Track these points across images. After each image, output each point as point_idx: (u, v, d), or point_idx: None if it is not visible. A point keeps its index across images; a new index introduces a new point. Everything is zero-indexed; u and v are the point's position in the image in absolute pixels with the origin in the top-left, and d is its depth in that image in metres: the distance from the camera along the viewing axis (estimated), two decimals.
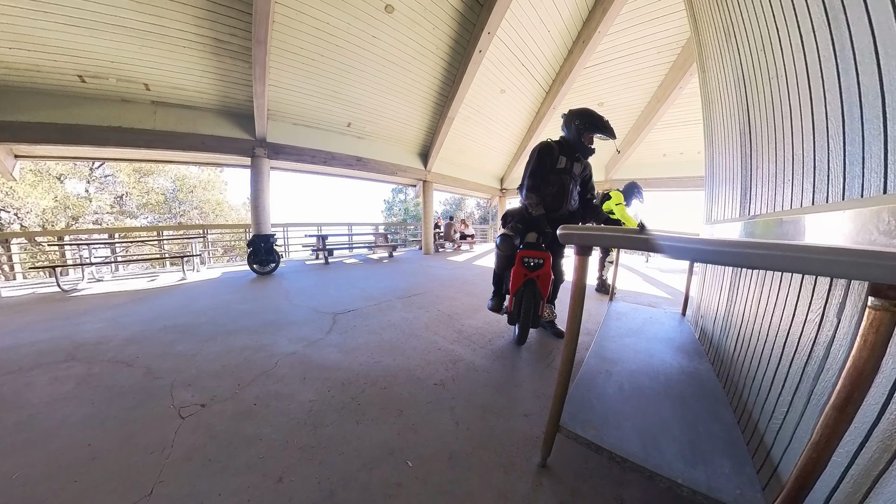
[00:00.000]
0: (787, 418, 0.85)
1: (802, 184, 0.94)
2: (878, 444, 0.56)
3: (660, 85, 5.99)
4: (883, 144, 0.62)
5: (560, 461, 1.12)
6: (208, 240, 6.95)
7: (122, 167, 12.09)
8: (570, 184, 2.06)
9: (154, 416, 1.36)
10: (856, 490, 0.57)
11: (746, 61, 1.40)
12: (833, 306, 0.75)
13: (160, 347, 2.10)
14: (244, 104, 5.00)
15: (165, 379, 1.68)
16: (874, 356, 0.48)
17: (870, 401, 0.57)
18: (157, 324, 2.59)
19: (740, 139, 1.56)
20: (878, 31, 0.62)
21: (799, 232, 0.81)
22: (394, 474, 1.06)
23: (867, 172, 0.67)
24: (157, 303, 3.33)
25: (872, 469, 0.55)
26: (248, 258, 5.19)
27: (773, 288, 1.10)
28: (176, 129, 4.75)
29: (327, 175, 7.22)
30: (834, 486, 0.62)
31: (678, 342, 1.75)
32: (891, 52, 0.59)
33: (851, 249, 0.47)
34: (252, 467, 1.08)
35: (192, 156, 5.37)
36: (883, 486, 0.53)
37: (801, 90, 0.94)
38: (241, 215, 15.76)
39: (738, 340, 1.35)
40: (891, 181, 0.60)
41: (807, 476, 0.57)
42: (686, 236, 0.79)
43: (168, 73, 4.29)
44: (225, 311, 2.96)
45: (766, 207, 1.22)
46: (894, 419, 0.54)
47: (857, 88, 0.70)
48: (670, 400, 1.13)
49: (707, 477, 0.79)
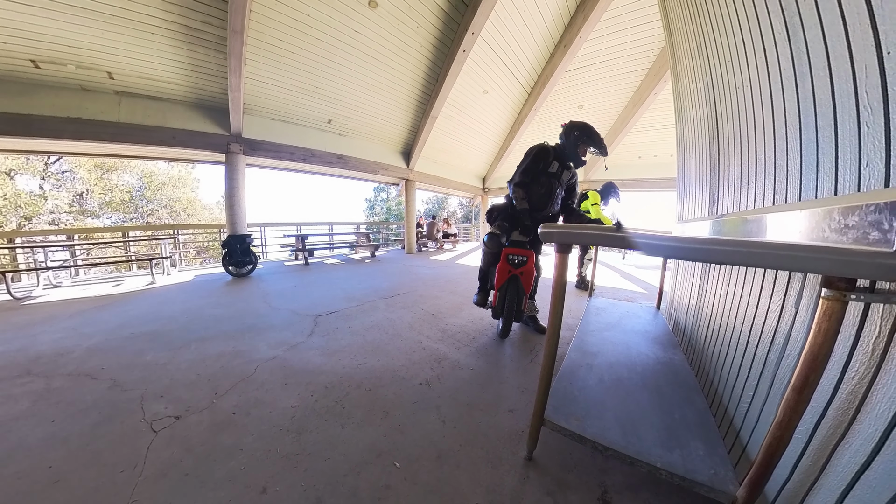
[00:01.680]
0: (754, 401, 0.92)
1: (765, 185, 1.02)
2: (832, 420, 0.61)
3: (636, 90, 6.24)
4: (834, 150, 0.68)
5: (546, 454, 1.15)
6: (179, 241, 6.60)
7: (83, 162, 11.22)
8: (558, 188, 2.16)
9: (123, 431, 1.27)
10: (815, 463, 0.63)
11: (716, 72, 1.49)
12: (792, 298, 0.81)
13: (127, 357, 1.96)
14: (218, 97, 4.78)
15: (135, 391, 1.57)
16: (828, 342, 0.53)
17: (824, 382, 0.63)
18: (124, 332, 2.42)
19: (709, 143, 1.66)
20: (832, 49, 0.68)
21: (762, 230, 0.88)
22: (382, 477, 1.04)
23: (820, 175, 0.73)
24: (123, 309, 3.12)
25: (828, 443, 0.61)
26: (222, 260, 4.97)
27: (739, 282, 1.18)
28: (143, 122, 4.46)
29: (307, 173, 7.04)
30: (796, 461, 0.68)
31: (654, 334, 1.83)
32: (842, 67, 0.65)
33: (806, 245, 0.51)
34: (233, 479, 1.03)
35: (161, 151, 5.08)
36: (838, 458, 0.58)
37: (764, 100, 1.02)
38: (214, 214, 15.07)
39: (709, 331, 1.43)
40: (840, 184, 0.66)
41: (773, 453, 0.62)
42: (659, 234, 0.83)
43: (134, 62, 4.01)
44: (198, 317, 2.81)
45: (732, 207, 1.31)
46: (845, 398, 0.59)
47: (811, 99, 0.76)
48: (647, 389, 1.20)
49: (683, 460, 0.84)
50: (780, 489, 0.71)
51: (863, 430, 0.54)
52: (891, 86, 0.53)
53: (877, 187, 0.55)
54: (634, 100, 6.36)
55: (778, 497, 0.72)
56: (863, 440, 0.54)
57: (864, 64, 0.59)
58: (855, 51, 0.61)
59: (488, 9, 4.44)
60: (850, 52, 0.62)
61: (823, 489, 0.60)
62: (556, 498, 0.97)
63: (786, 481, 0.70)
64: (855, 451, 0.55)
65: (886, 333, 0.52)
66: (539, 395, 0.99)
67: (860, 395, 0.56)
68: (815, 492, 0.62)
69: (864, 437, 0.54)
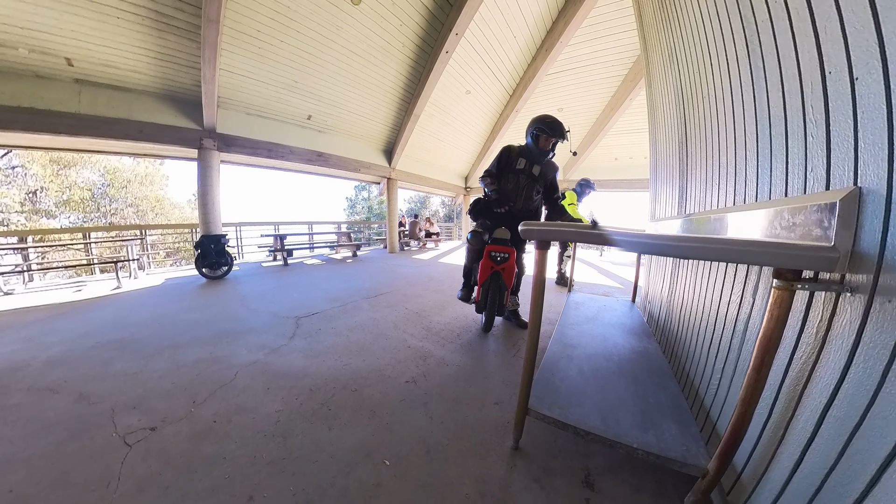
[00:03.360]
0: (721, 383, 1.00)
1: (727, 187, 1.11)
2: (786, 396, 0.69)
3: (613, 95, 6.50)
4: (785, 157, 0.76)
5: (531, 442, 1.20)
6: (147, 242, 6.23)
7: (37, 157, 10.30)
8: (527, 183, 2.24)
9: (93, 447, 1.19)
10: (775, 434, 0.71)
11: (685, 82, 1.60)
12: (749, 289, 0.90)
13: (94, 368, 1.83)
14: (190, 89, 4.53)
15: (103, 404, 1.47)
16: (779, 327, 0.60)
17: (778, 363, 0.70)
18: (88, 341, 2.25)
19: (679, 148, 1.77)
20: (784, 68, 0.76)
21: (724, 227, 0.96)
22: (372, 475, 1.05)
23: (773, 179, 0.81)
24: (86, 317, 2.91)
25: (784, 416, 0.68)
26: (195, 261, 4.75)
27: (705, 275, 1.28)
28: (106, 114, 4.15)
29: (285, 171, 6.84)
30: (759, 434, 0.76)
31: (629, 326, 1.94)
32: (793, 84, 0.73)
33: (759, 241, 0.58)
34: (217, 489, 1.00)
35: (126, 145, 4.77)
36: (792, 428, 0.66)
37: (727, 110, 1.11)
38: (185, 214, 14.30)
39: (680, 321, 1.54)
40: (790, 187, 0.74)
41: (739, 428, 0.69)
42: (632, 231, 0.89)
43: (97, 48, 3.72)
44: (171, 322, 2.67)
45: (699, 207, 1.41)
46: (795, 376, 0.67)
47: (767, 111, 0.84)
48: (624, 377, 1.27)
49: (658, 439, 0.91)
50: (747, 460, 0.79)
51: (810, 403, 0.62)
52: (832, 101, 0.61)
53: (819, 190, 0.63)
54: (612, 104, 6.61)
55: (745, 467, 0.80)
56: (810, 412, 0.61)
57: (811, 81, 0.66)
58: (803, 70, 0.68)
59: (472, 10, 4.48)
60: (800, 71, 0.70)
61: (783, 457, 0.67)
62: (542, 483, 1.02)
63: (751, 452, 0.78)
64: (805, 422, 0.62)
65: (827, 318, 0.59)
66: (523, 386, 1.03)
67: (807, 372, 0.63)
68: (776, 460, 0.69)
69: (811, 409, 0.61)
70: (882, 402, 0.47)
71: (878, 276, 0.49)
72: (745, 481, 0.79)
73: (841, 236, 0.52)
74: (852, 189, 0.53)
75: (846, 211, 0.52)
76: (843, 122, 0.58)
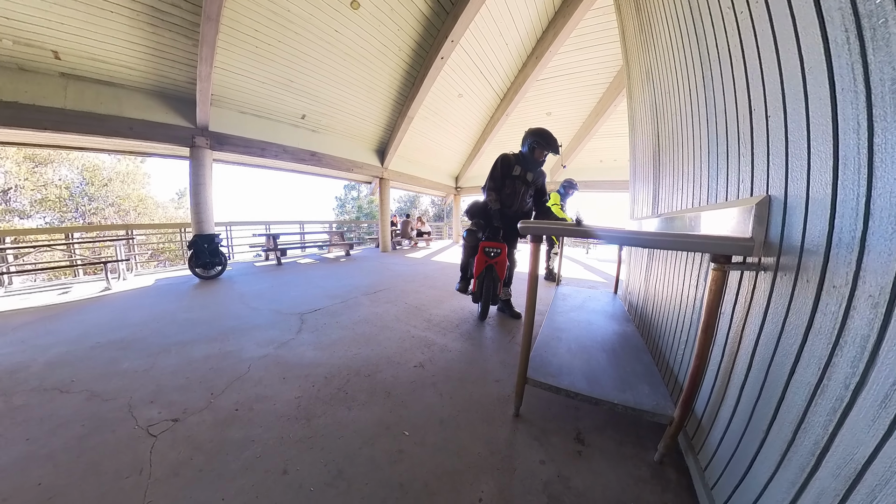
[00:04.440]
0: (684, 353, 1.23)
1: (687, 191, 1.33)
2: (727, 355, 0.91)
3: (598, 101, 6.84)
4: (726, 169, 0.97)
5: (529, 410, 1.39)
6: (134, 242, 6.12)
7: (10, 153, 9.79)
8: (522, 188, 2.48)
9: (117, 439, 1.21)
10: (721, 382, 0.92)
11: (658, 99, 1.83)
12: (702, 274, 1.11)
13: (100, 367, 1.83)
14: (183, 87, 4.48)
15: (118, 400, 1.49)
16: (717, 298, 0.81)
17: (720, 328, 0.92)
18: (86, 342, 2.21)
19: (653, 156, 2.00)
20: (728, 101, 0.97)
21: (685, 225, 1.17)
22: (394, 444, 1.18)
23: (720, 186, 1.03)
24: (79, 318, 2.85)
25: (727, 367, 0.89)
26: (188, 261, 4.74)
27: (671, 267, 1.51)
28: (94, 110, 4.03)
29: (278, 170, 6.84)
30: (712, 385, 0.97)
31: (611, 313, 2.17)
32: (731, 114, 0.94)
33: (702, 234, 0.78)
34: (251, 468, 1.07)
35: (115, 143, 4.69)
36: (733, 380, 0.87)
37: (688, 128, 1.33)
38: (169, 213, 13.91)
39: (653, 307, 1.77)
40: (730, 193, 0.95)
41: (694, 379, 0.90)
42: (610, 227, 1.10)
43: (86, 42, 3.59)
44: (172, 321, 2.69)
45: (667, 207, 1.64)
46: (731, 337, 0.89)
47: (715, 133, 1.05)
48: (606, 352, 1.49)
49: (634, 397, 1.12)
50: (705, 408, 1.00)
51: (741, 356, 0.82)
52: (755, 131, 0.82)
53: (746, 196, 0.84)
54: (597, 109, 6.95)
55: (703, 414, 1.01)
56: (744, 360, 0.82)
57: (743, 114, 0.88)
58: (739, 104, 0.89)
59: (469, 19, 4.63)
60: (736, 105, 0.91)
61: (728, 398, 0.88)
62: (541, 441, 1.21)
63: (707, 402, 0.99)
64: (740, 371, 0.83)
65: (751, 290, 0.80)
66: (521, 360, 1.22)
67: (739, 332, 0.84)
68: (724, 403, 0.90)
69: (743, 360, 0.82)
70: (784, 342, 0.68)
71: (779, 259, 0.70)
72: (703, 425, 1.00)
73: (756, 230, 0.73)
74: (764, 196, 0.73)
75: (760, 211, 0.73)
76: (761, 147, 0.78)
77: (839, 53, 0.53)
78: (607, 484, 1.02)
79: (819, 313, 0.58)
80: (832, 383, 0.53)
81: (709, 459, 0.91)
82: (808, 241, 0.61)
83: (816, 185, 0.59)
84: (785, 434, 0.63)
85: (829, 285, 0.56)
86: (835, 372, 0.53)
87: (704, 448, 0.95)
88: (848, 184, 0.52)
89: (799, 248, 0.64)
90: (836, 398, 0.52)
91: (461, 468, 1.09)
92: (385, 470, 1.07)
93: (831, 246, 0.56)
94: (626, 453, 1.14)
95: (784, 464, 0.62)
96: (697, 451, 1.00)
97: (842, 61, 0.53)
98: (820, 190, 0.58)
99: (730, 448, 0.81)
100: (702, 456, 0.96)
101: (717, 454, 0.87)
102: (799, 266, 0.63)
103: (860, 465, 0.46)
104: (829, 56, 0.55)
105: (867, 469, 0.45)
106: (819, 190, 0.59)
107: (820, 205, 0.58)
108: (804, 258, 0.62)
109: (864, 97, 0.49)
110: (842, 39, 0.52)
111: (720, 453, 0.85)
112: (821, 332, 0.57)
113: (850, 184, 0.52)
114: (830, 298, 0.55)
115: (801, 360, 0.61)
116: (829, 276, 0.56)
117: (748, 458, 0.72)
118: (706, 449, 0.94)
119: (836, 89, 0.54)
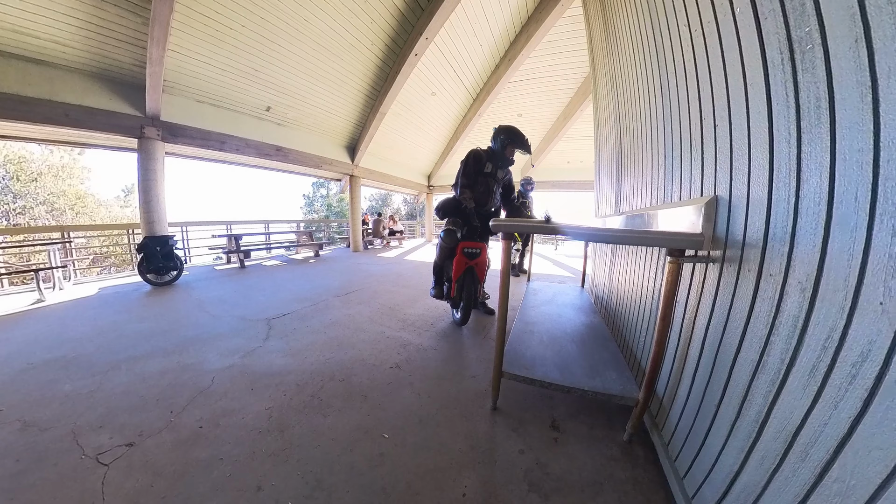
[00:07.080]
0: (646, 340, 1.33)
1: (647, 191, 1.44)
2: (683, 340, 1.00)
3: (567, 105, 7.16)
4: (680, 172, 1.07)
5: (506, 403, 1.44)
6: (72, 246, 5.42)
7: None
8: (494, 185, 2.47)
9: (60, 474, 1.06)
10: (678, 368, 1.01)
11: (621, 105, 1.96)
12: (659, 266, 1.22)
13: (34, 392, 1.60)
14: (130, 70, 4.02)
15: (59, 428, 1.30)
16: (673, 290, 0.89)
17: (676, 315, 1.00)
18: (16, 364, 1.92)
19: (616, 158, 2.14)
20: (682, 112, 1.06)
21: (645, 222, 1.27)
22: (374, 447, 1.16)
23: (674, 187, 1.13)
24: (4, 336, 2.43)
25: (683, 350, 0.99)
26: (138, 266, 4.31)
27: (632, 261, 1.63)
28: (20, 93, 3.49)
29: (240, 165, 6.43)
30: (671, 368, 1.06)
31: (579, 306, 2.29)
32: (685, 122, 1.03)
33: (657, 231, 0.86)
34: (221, 488, 1.00)
35: (47, 131, 4.13)
36: (688, 362, 0.96)
37: (647, 134, 1.44)
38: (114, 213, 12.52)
39: (617, 299, 1.91)
40: (683, 193, 1.05)
41: (655, 362, 0.99)
42: (576, 225, 1.17)
43: (9, 11, 3.10)
44: (120, 335, 2.39)
45: (629, 206, 1.77)
46: (686, 322, 0.98)
47: (671, 139, 1.15)
48: (575, 343, 1.59)
49: (603, 383, 1.21)
50: (665, 388, 1.10)
51: (695, 339, 0.92)
52: (705, 138, 0.91)
53: (696, 196, 0.93)
54: (565, 113, 7.27)
55: (664, 395, 1.11)
56: (697, 343, 0.91)
57: (696, 122, 0.97)
58: (692, 113, 0.99)
59: (443, 18, 4.63)
60: (689, 114, 1.01)
61: (684, 378, 0.97)
62: (519, 431, 1.26)
63: (667, 383, 1.08)
64: (693, 354, 0.92)
65: (701, 281, 0.89)
66: (496, 354, 1.27)
67: (692, 319, 0.93)
68: (681, 384, 0.99)
69: (696, 344, 0.91)
70: (730, 326, 0.76)
71: (725, 252, 0.79)
72: (664, 404, 1.10)
73: (705, 227, 0.82)
74: (712, 196, 0.82)
75: (708, 210, 0.82)
76: (710, 152, 0.87)
77: (775, 73, 0.61)
78: (583, 466, 1.08)
79: (759, 299, 0.66)
80: (770, 359, 0.61)
81: (671, 435, 1.00)
82: (749, 235, 0.70)
83: (756, 187, 0.68)
84: (733, 406, 0.71)
85: (767, 273, 0.64)
86: (772, 349, 0.61)
87: (667, 425, 1.04)
88: (781, 187, 0.60)
89: (741, 242, 0.72)
90: (774, 371, 0.60)
91: (443, 465, 1.10)
92: (366, 475, 1.05)
93: (768, 240, 0.64)
94: (597, 436, 1.21)
95: (734, 433, 0.70)
96: (661, 427, 1.09)
97: (777, 79, 0.61)
98: (758, 191, 0.67)
99: (688, 423, 0.90)
100: (665, 432, 1.06)
101: (677, 430, 0.96)
102: (741, 258, 0.72)
103: (795, 428, 0.54)
104: (768, 74, 0.63)
105: (800, 431, 0.53)
106: (758, 191, 0.67)
107: (759, 204, 0.67)
108: (746, 251, 0.71)
109: (795, 112, 0.57)
110: (778, 60, 0.60)
111: (680, 429, 0.94)
112: (760, 315, 0.65)
113: (783, 187, 0.60)
114: (768, 285, 0.63)
115: (745, 341, 0.69)
116: (766, 265, 0.64)
117: (703, 431, 0.81)
118: (668, 426, 1.03)
119: (773, 104, 0.62)
